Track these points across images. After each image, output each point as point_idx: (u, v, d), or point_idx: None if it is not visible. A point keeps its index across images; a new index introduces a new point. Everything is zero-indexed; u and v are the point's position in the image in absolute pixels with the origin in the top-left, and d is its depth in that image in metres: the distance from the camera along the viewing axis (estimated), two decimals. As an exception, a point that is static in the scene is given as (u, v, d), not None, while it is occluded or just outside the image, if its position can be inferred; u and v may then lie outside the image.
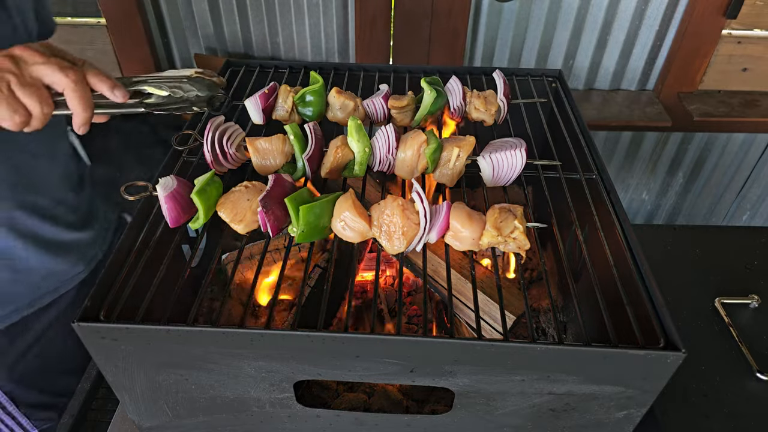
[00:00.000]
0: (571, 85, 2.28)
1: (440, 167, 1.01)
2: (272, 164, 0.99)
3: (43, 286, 1.20)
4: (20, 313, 1.19)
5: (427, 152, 0.98)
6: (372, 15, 1.99)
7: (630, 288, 0.84)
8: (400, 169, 1.01)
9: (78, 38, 2.14)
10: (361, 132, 0.97)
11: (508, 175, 1.00)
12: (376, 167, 1.02)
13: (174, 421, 0.95)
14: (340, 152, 0.98)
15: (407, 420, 0.93)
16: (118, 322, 0.77)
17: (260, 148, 0.98)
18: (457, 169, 1.00)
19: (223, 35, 2.13)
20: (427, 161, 0.98)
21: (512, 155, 0.98)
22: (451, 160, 0.99)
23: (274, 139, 0.98)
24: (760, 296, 1.29)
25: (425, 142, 0.98)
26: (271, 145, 0.98)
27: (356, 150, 0.98)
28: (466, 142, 0.99)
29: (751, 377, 1.14)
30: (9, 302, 1.17)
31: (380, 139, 0.99)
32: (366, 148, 0.98)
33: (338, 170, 1.01)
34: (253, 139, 0.99)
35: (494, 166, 0.99)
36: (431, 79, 1.14)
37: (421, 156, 0.98)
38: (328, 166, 0.99)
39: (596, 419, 0.87)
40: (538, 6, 2.06)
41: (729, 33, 2.13)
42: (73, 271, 1.25)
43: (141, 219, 0.92)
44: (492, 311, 1.14)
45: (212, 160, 0.96)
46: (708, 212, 2.66)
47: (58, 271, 1.22)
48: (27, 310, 1.19)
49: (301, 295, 0.89)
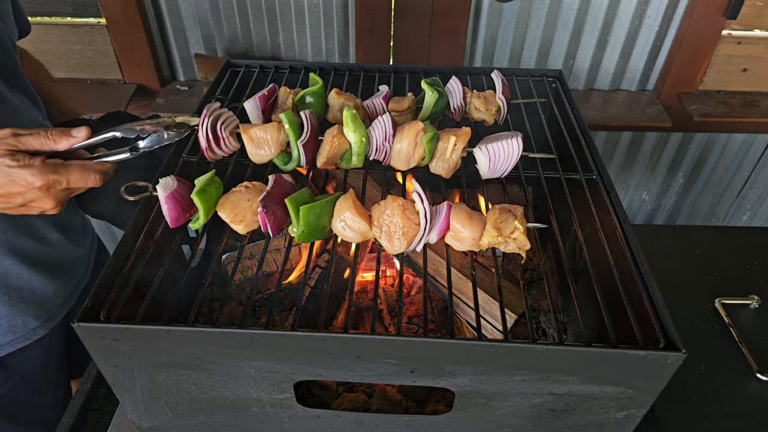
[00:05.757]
0: (571, 86, 2.28)
1: (436, 158, 1.00)
2: (267, 153, 0.97)
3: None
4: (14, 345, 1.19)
5: (425, 140, 0.97)
6: (372, 15, 1.99)
7: (630, 288, 0.84)
8: (397, 158, 1.00)
9: (78, 38, 2.14)
10: (357, 122, 0.96)
11: (504, 165, 0.99)
12: (373, 156, 1.00)
13: (174, 421, 0.95)
14: (337, 141, 0.96)
15: (407, 420, 0.93)
16: (118, 322, 0.77)
17: (254, 136, 0.96)
18: (453, 159, 0.99)
19: (223, 35, 2.13)
20: (425, 149, 0.97)
21: (508, 144, 0.97)
22: (447, 150, 0.98)
23: (268, 128, 0.96)
24: (760, 296, 1.29)
25: (422, 131, 0.97)
26: (265, 134, 0.96)
27: (353, 140, 0.97)
28: (462, 132, 0.99)
29: (751, 377, 1.14)
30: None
31: (377, 128, 0.98)
32: (363, 138, 0.96)
33: (335, 160, 0.99)
34: (247, 126, 0.97)
35: (490, 156, 0.98)
36: (432, 80, 1.13)
37: (418, 144, 0.97)
38: (325, 156, 0.97)
39: (596, 420, 0.87)
40: (538, 6, 2.06)
41: (729, 33, 2.13)
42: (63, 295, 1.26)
43: (141, 219, 0.92)
44: (493, 310, 1.14)
45: (206, 146, 0.95)
46: (708, 212, 2.66)
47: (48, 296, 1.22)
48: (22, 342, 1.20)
49: (301, 295, 0.89)
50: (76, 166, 0.84)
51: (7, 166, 0.80)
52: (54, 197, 0.85)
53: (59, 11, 2.11)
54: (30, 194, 0.83)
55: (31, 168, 0.81)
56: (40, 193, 0.83)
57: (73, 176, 0.84)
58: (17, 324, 1.17)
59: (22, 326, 1.18)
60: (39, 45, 2.14)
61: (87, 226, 1.37)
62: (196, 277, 1.23)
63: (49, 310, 1.23)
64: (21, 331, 1.18)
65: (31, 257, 1.16)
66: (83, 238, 1.33)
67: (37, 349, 1.23)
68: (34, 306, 1.19)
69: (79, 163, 0.85)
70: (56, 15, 2.12)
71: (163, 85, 2.22)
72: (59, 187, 0.84)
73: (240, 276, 1.29)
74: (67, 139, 0.85)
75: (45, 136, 0.84)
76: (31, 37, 1.25)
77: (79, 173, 0.84)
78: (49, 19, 2.14)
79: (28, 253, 1.15)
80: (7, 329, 1.16)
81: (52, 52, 2.17)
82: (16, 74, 1.11)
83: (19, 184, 0.82)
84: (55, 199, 0.85)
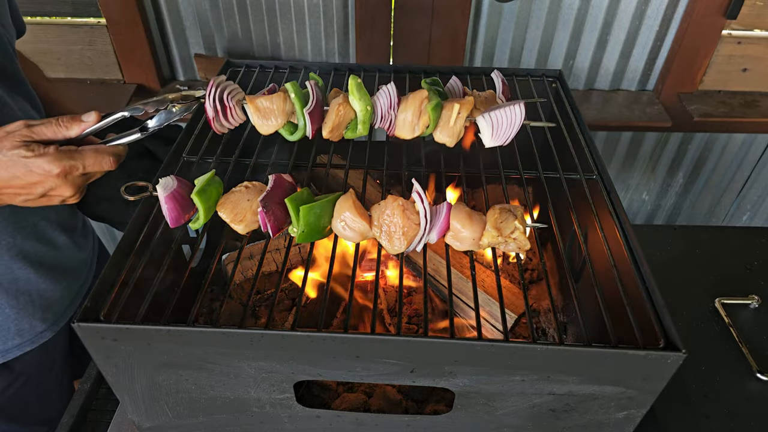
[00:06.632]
0: (571, 86, 2.28)
1: (440, 126, 1.02)
2: (273, 124, 0.99)
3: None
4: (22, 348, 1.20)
5: (429, 107, 0.98)
6: (372, 15, 1.99)
7: (630, 288, 0.84)
8: (402, 126, 1.01)
9: (78, 38, 2.14)
10: (362, 90, 0.97)
11: (507, 132, 1.00)
12: (378, 124, 1.02)
13: (174, 421, 0.95)
14: (342, 110, 0.98)
15: (407, 420, 0.93)
16: (118, 322, 0.77)
17: (261, 106, 0.97)
18: (457, 127, 1.01)
19: (223, 35, 2.13)
20: (429, 116, 0.99)
21: (511, 111, 0.98)
22: (451, 118, 1.00)
23: (274, 98, 0.98)
24: (760, 296, 1.29)
25: (426, 99, 0.99)
26: (271, 104, 0.97)
27: (358, 109, 0.98)
28: (465, 101, 1.01)
29: (751, 377, 1.14)
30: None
31: (382, 96, 1.00)
32: (368, 107, 0.98)
33: (340, 129, 1.01)
34: (253, 97, 0.98)
35: (493, 123, 0.99)
36: (432, 80, 1.13)
37: (423, 112, 0.99)
38: (330, 125, 0.99)
39: (596, 420, 0.87)
40: (538, 6, 2.06)
41: (729, 33, 2.13)
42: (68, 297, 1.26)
43: (141, 219, 0.92)
44: (493, 310, 1.14)
45: (213, 116, 0.96)
46: (708, 212, 2.66)
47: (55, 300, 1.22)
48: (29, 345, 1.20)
49: (300, 295, 0.89)
50: (90, 150, 0.86)
51: (23, 157, 0.82)
52: (72, 184, 0.86)
53: (59, 11, 2.10)
54: (49, 182, 0.84)
55: (46, 156, 0.82)
56: (58, 180, 0.84)
57: (89, 160, 0.85)
58: (25, 328, 1.17)
59: (29, 330, 1.18)
60: (39, 45, 2.14)
61: (87, 229, 1.38)
62: (196, 277, 1.23)
63: (55, 313, 1.23)
64: (28, 334, 1.18)
65: (39, 260, 1.16)
66: (85, 240, 1.33)
67: (42, 350, 1.23)
68: (41, 309, 1.19)
69: (93, 148, 0.87)
70: (56, 15, 2.12)
71: (163, 85, 2.22)
72: (76, 172, 0.85)
73: (240, 276, 1.29)
74: (78, 125, 0.87)
75: (57, 123, 0.86)
76: (31, 38, 1.25)
77: (94, 157, 0.86)
78: (49, 19, 2.14)
79: (36, 257, 1.15)
80: (15, 333, 1.16)
81: (52, 52, 2.17)
82: (16, 77, 1.11)
83: (37, 174, 0.83)
84: (74, 186, 0.86)
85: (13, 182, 0.83)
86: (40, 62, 1.32)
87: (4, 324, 1.14)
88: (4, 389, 1.21)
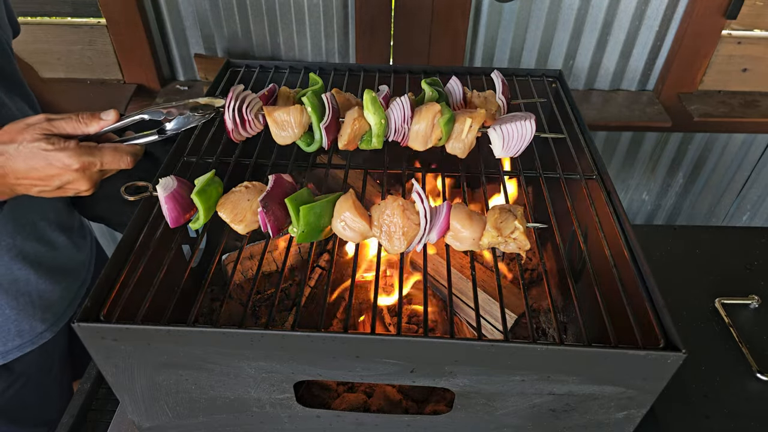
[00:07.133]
0: (571, 86, 2.28)
1: (453, 138, 1.03)
2: (290, 135, 1.00)
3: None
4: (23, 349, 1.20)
5: (442, 121, 1.00)
6: (372, 15, 1.99)
7: (630, 288, 0.84)
8: (414, 139, 1.03)
9: (78, 38, 2.13)
10: (376, 104, 0.99)
11: (518, 145, 1.02)
12: (392, 137, 1.03)
13: (174, 421, 0.95)
14: (357, 123, 1.00)
15: (407, 420, 0.93)
16: (118, 322, 0.77)
17: (278, 119, 0.99)
18: (468, 140, 1.02)
19: (223, 35, 2.13)
20: (442, 130, 1.01)
21: (522, 126, 1.00)
22: (463, 131, 1.01)
23: (292, 110, 0.99)
24: (760, 296, 1.29)
25: (439, 113, 1.00)
26: (289, 116, 0.99)
27: (373, 122, 1.00)
28: (477, 114, 1.01)
29: (751, 377, 1.14)
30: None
31: (395, 110, 1.01)
32: (382, 120, 1.00)
33: (355, 142, 1.03)
34: (271, 109, 1.00)
35: (504, 136, 1.01)
36: (431, 80, 1.13)
37: (435, 126, 1.01)
38: (346, 138, 1.00)
39: (596, 420, 0.87)
40: (538, 6, 2.06)
41: (729, 33, 2.13)
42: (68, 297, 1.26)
43: (141, 219, 0.92)
44: (493, 310, 1.14)
45: (233, 128, 0.98)
46: (708, 212, 2.66)
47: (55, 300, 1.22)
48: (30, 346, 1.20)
49: (300, 295, 0.89)
50: (109, 148, 0.87)
51: (43, 150, 0.83)
52: (89, 179, 0.87)
53: (59, 11, 2.10)
54: (67, 176, 0.85)
55: (67, 150, 0.83)
56: (77, 174, 0.85)
57: (107, 158, 0.86)
58: (25, 329, 1.17)
59: (29, 331, 1.18)
60: (39, 45, 2.13)
61: (85, 229, 1.38)
62: (196, 277, 1.23)
63: (55, 314, 1.23)
64: (29, 335, 1.19)
65: (39, 261, 1.16)
66: (83, 240, 1.33)
67: (42, 351, 1.23)
68: (41, 310, 1.19)
69: (112, 146, 0.88)
70: (56, 15, 2.12)
71: (163, 85, 2.22)
72: (94, 168, 0.86)
73: (240, 276, 1.29)
74: (98, 122, 0.88)
75: (77, 119, 0.87)
76: (31, 38, 1.25)
77: (112, 155, 0.87)
78: (49, 19, 2.13)
79: (36, 257, 1.15)
80: (15, 334, 1.16)
81: (52, 52, 2.17)
82: (14, 77, 1.11)
83: (56, 167, 0.84)
84: (90, 181, 0.87)
85: (31, 173, 0.84)
86: (40, 62, 1.32)
87: (4, 325, 1.14)
88: (4, 390, 1.21)
